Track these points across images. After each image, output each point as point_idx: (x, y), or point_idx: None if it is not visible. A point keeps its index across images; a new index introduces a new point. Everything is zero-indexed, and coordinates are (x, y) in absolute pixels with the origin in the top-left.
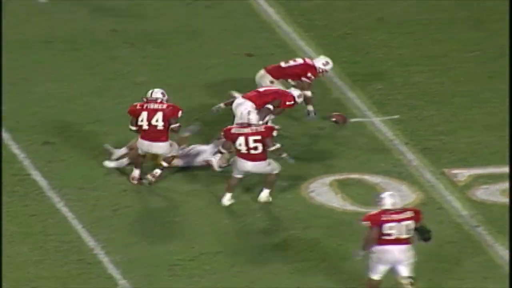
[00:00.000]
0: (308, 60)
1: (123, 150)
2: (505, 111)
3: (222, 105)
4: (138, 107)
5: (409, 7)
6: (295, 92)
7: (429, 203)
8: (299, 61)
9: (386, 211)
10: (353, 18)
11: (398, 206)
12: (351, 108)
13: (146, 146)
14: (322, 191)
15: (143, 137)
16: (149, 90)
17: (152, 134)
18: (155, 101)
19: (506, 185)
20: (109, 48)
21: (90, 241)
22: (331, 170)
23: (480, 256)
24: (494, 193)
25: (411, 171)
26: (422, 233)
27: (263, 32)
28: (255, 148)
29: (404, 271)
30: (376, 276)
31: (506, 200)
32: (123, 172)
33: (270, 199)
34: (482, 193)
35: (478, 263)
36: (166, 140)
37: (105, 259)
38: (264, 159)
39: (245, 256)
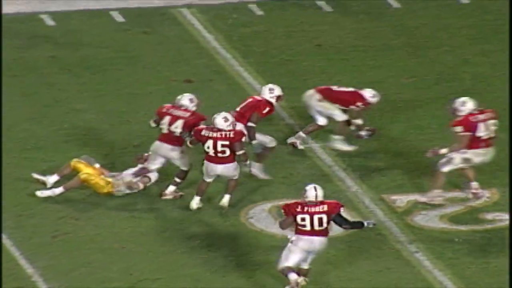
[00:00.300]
0: (358, 90)
1: (55, 177)
2: (442, 137)
3: None
4: (164, 109)
5: (347, 33)
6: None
7: (368, 229)
8: (350, 88)
9: (303, 203)
10: (291, 45)
11: (320, 199)
12: (290, 134)
13: (157, 146)
14: (261, 217)
15: (160, 139)
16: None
17: (169, 138)
18: (179, 107)
19: (445, 210)
20: (46, 75)
21: (28, 268)
22: (270, 196)
23: (419, 283)
24: (433, 219)
25: (350, 197)
26: (340, 223)
27: (202, 58)
28: (223, 152)
29: (310, 260)
30: (289, 264)
31: (444, 225)
32: (61, 198)
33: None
34: (421, 219)
35: None
36: (180, 145)
37: (43, 287)
38: (232, 161)
39: (183, 283)
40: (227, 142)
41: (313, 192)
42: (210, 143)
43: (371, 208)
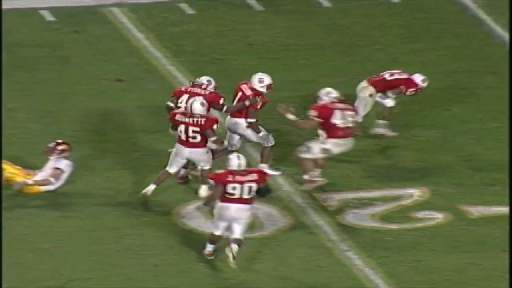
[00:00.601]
0: (410, 76)
1: None
2: (372, 136)
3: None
4: (182, 89)
5: (278, 32)
6: (419, 77)
7: (299, 228)
8: (404, 75)
9: (231, 172)
10: (222, 44)
11: (243, 167)
12: (222, 133)
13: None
14: (193, 216)
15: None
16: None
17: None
18: (199, 86)
19: (375, 209)
20: None
21: None
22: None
23: (350, 281)
24: (364, 218)
25: (282, 195)
26: (260, 191)
27: (132, 57)
28: (194, 137)
29: (237, 230)
30: (217, 232)
31: (376, 224)
32: None
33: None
34: (352, 217)
35: None
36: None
37: None
38: (202, 147)
39: (115, 282)
40: (197, 129)
41: (236, 161)
42: (182, 127)
43: (303, 206)
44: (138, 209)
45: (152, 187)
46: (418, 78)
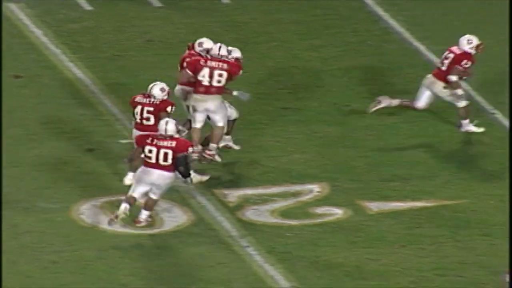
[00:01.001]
0: (456, 49)
1: None
2: (272, 132)
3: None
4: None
5: (177, 29)
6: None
7: (200, 224)
8: (450, 55)
9: (155, 136)
10: (121, 40)
11: (169, 133)
12: (122, 130)
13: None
14: (93, 213)
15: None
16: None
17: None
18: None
19: (275, 205)
20: None
21: None
22: (101, 192)
23: (250, 277)
24: (263, 214)
25: (182, 192)
26: (179, 164)
27: (30, 53)
28: (148, 119)
29: (155, 195)
30: (134, 194)
31: (276, 220)
32: None
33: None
34: (252, 213)
35: (248, 284)
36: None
37: None
38: (155, 131)
39: (13, 280)
40: (152, 109)
41: (163, 126)
42: (138, 108)
43: (203, 203)
44: (36, 207)
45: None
46: (464, 45)
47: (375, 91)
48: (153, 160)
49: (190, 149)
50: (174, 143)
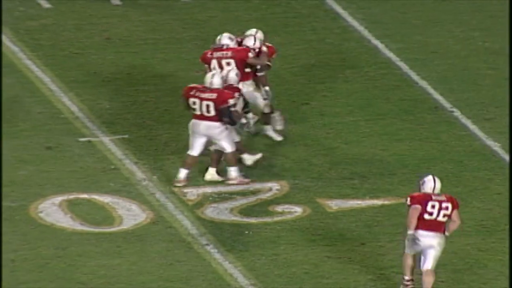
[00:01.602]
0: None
1: None
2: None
3: None
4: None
5: (136, 26)
6: None
7: (159, 222)
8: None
9: (197, 87)
10: (80, 38)
11: (215, 86)
12: (80, 128)
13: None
14: (52, 211)
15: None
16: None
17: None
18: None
19: (234, 203)
20: None
21: None
22: (60, 190)
23: (210, 275)
24: (223, 212)
25: (141, 190)
26: (222, 115)
27: None
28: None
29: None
30: (192, 152)
31: (235, 218)
32: None
33: None
34: (212, 211)
35: (208, 282)
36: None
37: None
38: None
39: None
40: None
41: (209, 79)
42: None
43: (162, 201)
44: None
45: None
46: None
47: (334, 89)
48: (198, 112)
49: (231, 101)
50: (214, 95)
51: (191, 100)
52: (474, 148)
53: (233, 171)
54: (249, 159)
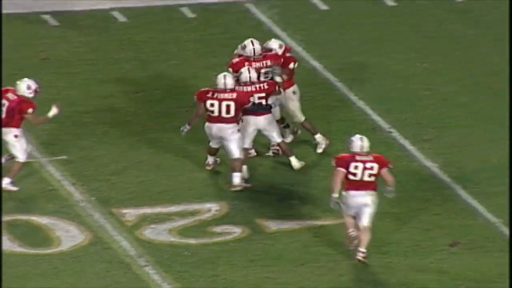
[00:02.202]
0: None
1: None
2: (170, 151)
3: None
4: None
5: (75, 47)
6: None
7: (97, 243)
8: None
9: (214, 90)
10: (17, 59)
11: (229, 87)
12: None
13: None
14: None
15: None
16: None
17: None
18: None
19: (173, 224)
20: None
21: None
22: None
23: None
24: (161, 233)
25: (80, 211)
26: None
27: None
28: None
29: (230, 149)
30: (213, 145)
31: (174, 239)
32: None
33: None
34: (150, 232)
35: None
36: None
37: None
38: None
39: None
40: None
41: (222, 80)
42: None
43: (101, 222)
44: None
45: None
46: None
47: None
48: (216, 114)
49: (251, 99)
50: (234, 95)
51: (209, 102)
52: (412, 169)
53: (236, 177)
54: (296, 162)
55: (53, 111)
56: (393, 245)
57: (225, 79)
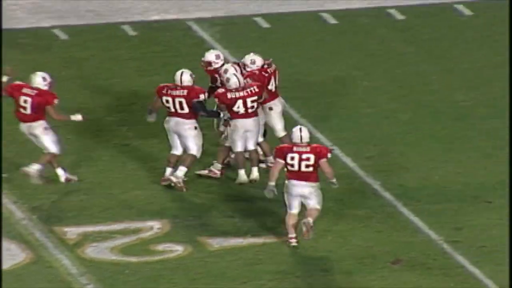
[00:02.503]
0: None
1: None
2: (111, 169)
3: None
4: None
5: (15, 65)
6: None
7: (39, 262)
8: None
9: (168, 86)
10: None
11: (185, 83)
12: None
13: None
14: None
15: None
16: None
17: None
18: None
19: (115, 242)
20: None
21: None
22: None
23: None
24: (103, 251)
25: (20, 230)
26: (197, 109)
27: None
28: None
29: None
30: (174, 151)
31: (115, 257)
32: None
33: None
34: (92, 250)
35: None
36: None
37: None
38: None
39: None
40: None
41: (178, 76)
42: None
43: (42, 240)
44: None
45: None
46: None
47: None
48: (172, 110)
49: (202, 96)
50: (185, 92)
51: (164, 98)
52: (354, 186)
53: (180, 171)
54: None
55: (77, 116)
56: (335, 262)
57: (182, 76)
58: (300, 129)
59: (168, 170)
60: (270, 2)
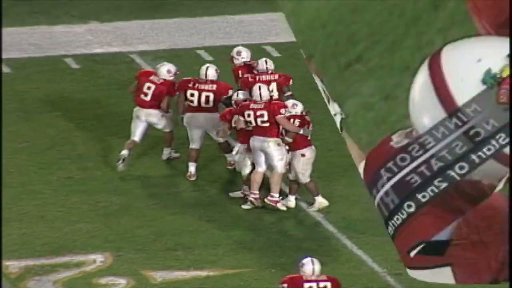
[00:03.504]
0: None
1: None
2: (54, 202)
3: None
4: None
5: None
6: None
7: None
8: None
9: (195, 80)
10: None
11: (210, 78)
12: None
13: None
14: None
15: None
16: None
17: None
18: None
19: (58, 276)
20: None
21: None
22: None
23: None
24: (46, 284)
25: None
26: (227, 104)
27: None
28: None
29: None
30: (193, 145)
31: None
32: None
33: None
34: (34, 284)
35: None
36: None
37: None
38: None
39: None
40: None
41: (203, 71)
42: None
43: None
44: None
45: None
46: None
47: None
48: (195, 104)
49: (230, 92)
50: (214, 86)
51: (189, 92)
52: (298, 219)
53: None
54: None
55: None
56: None
57: (207, 70)
58: (260, 87)
59: (192, 165)
60: (213, 35)
